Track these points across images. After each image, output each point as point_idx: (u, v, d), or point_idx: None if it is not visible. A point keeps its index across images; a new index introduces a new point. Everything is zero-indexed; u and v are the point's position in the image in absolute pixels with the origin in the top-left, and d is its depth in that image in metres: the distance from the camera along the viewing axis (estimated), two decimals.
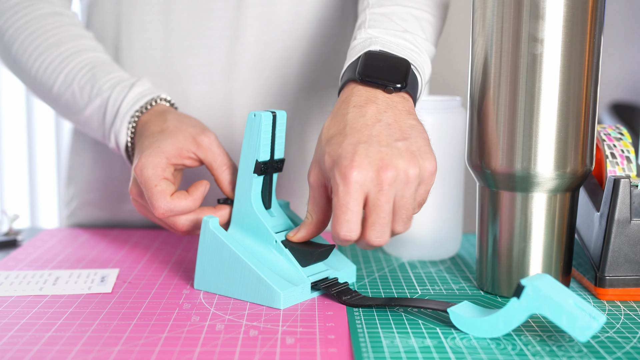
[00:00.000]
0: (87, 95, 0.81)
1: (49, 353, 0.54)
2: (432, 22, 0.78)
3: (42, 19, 0.85)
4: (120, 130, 0.78)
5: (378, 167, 0.61)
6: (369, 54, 0.69)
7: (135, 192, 0.74)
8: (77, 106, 0.82)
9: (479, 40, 0.67)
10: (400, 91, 0.67)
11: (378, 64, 0.68)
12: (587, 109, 0.65)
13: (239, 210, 0.70)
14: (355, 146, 0.62)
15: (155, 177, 0.71)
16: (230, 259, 0.67)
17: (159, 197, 0.70)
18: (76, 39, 0.84)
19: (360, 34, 0.73)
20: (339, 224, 0.61)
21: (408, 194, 0.62)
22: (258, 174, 0.68)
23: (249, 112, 0.68)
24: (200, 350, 0.55)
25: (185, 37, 0.90)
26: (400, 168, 0.61)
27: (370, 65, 0.68)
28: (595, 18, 0.64)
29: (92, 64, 0.82)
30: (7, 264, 0.78)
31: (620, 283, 0.67)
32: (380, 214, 0.61)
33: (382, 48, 0.70)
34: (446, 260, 0.81)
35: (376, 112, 0.65)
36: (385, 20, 0.74)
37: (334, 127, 0.65)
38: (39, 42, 0.83)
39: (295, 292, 0.65)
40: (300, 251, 0.67)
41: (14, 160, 2.32)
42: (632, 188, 0.67)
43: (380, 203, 0.61)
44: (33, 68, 0.83)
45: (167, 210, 0.70)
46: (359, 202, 0.61)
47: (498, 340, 0.58)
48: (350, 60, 0.71)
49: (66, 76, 0.82)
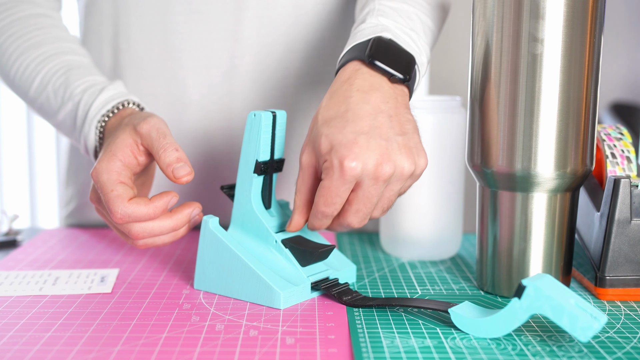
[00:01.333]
0: (61, 99, 0.80)
1: (49, 353, 0.54)
2: (432, 29, 0.79)
3: (24, 20, 0.84)
4: (88, 135, 0.77)
5: (378, 162, 0.62)
6: (380, 39, 0.69)
7: (94, 199, 0.72)
8: (51, 109, 0.81)
9: (479, 41, 0.67)
10: (403, 83, 0.67)
11: (388, 51, 0.68)
12: (587, 109, 0.65)
13: (239, 210, 0.70)
14: (356, 135, 0.62)
15: (110, 181, 0.68)
16: (230, 258, 0.67)
17: (115, 202, 0.67)
18: (55, 42, 0.84)
19: (371, 19, 0.72)
20: (326, 205, 0.63)
21: (397, 187, 0.64)
22: (258, 174, 0.68)
23: (249, 112, 0.68)
24: (200, 350, 0.55)
25: (185, 39, 0.89)
26: (398, 164, 0.62)
27: (381, 50, 0.67)
28: (595, 18, 0.64)
29: (68, 67, 0.82)
30: (7, 264, 0.78)
31: (620, 283, 0.67)
32: (368, 204, 0.63)
33: (392, 38, 0.70)
34: (446, 260, 0.81)
35: (380, 101, 0.65)
36: (394, 14, 0.74)
37: (334, 109, 0.65)
38: (19, 44, 0.83)
39: (295, 292, 0.65)
40: (300, 251, 0.67)
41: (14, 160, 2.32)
42: (632, 188, 0.67)
43: (371, 195, 0.63)
44: (12, 70, 0.83)
45: (123, 215, 0.66)
46: (349, 189, 0.63)
47: (498, 340, 0.58)
48: (358, 41, 0.69)
49: (42, 79, 0.81)
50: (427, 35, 0.76)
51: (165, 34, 0.89)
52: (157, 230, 0.68)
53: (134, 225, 0.68)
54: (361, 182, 0.62)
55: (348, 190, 0.63)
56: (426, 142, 0.78)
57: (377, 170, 0.61)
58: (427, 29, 0.77)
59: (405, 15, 0.75)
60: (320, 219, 0.65)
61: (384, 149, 0.62)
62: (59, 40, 0.84)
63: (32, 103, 0.84)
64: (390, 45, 0.69)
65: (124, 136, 0.70)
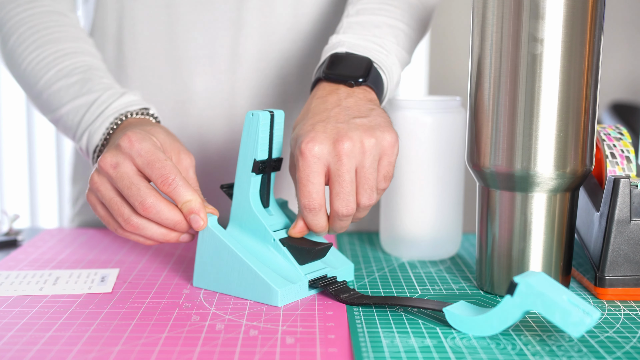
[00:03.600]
0: (74, 93, 0.80)
1: (49, 353, 0.54)
2: (407, 31, 0.83)
3: (45, 16, 0.85)
4: (97, 130, 0.77)
5: (334, 139, 0.65)
6: (334, 55, 0.75)
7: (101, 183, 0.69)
8: (58, 103, 0.81)
9: (479, 41, 0.67)
10: (361, 85, 0.72)
11: (341, 63, 0.74)
12: (587, 109, 0.65)
13: (238, 208, 0.70)
14: (313, 125, 0.67)
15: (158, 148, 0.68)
16: (229, 257, 0.67)
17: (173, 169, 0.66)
18: (75, 41, 0.84)
19: (332, 39, 0.79)
20: (302, 195, 0.66)
21: (367, 163, 0.66)
22: (256, 173, 0.69)
23: (247, 112, 0.69)
24: (200, 350, 0.55)
25: (190, 28, 0.90)
26: (355, 139, 0.65)
27: (334, 65, 0.74)
28: (595, 18, 0.64)
29: (87, 66, 0.82)
30: (7, 264, 0.78)
31: (620, 283, 0.67)
32: (342, 183, 0.65)
33: (348, 50, 0.76)
34: (446, 260, 0.81)
35: (337, 99, 0.70)
36: (358, 27, 0.80)
37: (299, 117, 0.71)
38: (38, 37, 0.83)
39: (293, 290, 0.66)
40: (297, 249, 0.67)
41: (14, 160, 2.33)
42: (632, 188, 0.67)
43: (341, 173, 0.65)
44: (25, 61, 0.83)
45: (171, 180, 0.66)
46: (318, 174, 0.65)
47: (498, 340, 0.58)
48: (320, 63, 0.76)
49: (57, 72, 0.82)
50: (398, 37, 0.81)
51: (170, 25, 0.91)
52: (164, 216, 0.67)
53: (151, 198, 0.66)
54: (329, 166, 0.65)
55: (317, 176, 0.65)
56: (426, 142, 0.79)
57: (336, 147, 0.65)
58: (399, 31, 0.81)
59: (370, 25, 0.80)
60: (308, 215, 0.66)
61: (340, 129, 0.66)
62: (78, 41, 0.85)
63: (38, 95, 0.84)
64: (345, 57, 0.75)
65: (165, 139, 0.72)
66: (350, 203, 0.66)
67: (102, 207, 0.71)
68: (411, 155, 0.79)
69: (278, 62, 0.92)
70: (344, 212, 0.66)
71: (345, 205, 0.66)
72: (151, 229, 0.68)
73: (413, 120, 0.78)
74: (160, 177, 0.67)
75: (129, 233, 0.70)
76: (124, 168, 0.67)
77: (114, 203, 0.68)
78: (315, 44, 0.93)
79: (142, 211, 0.66)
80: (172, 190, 0.67)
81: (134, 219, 0.68)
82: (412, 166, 0.79)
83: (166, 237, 0.69)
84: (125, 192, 0.67)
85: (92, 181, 0.70)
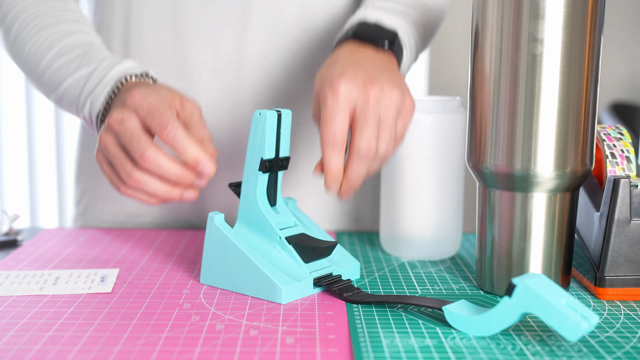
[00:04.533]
0: (75, 66, 0.81)
1: (49, 353, 0.54)
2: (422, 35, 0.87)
3: (46, 2, 0.87)
4: (99, 96, 0.78)
5: (365, 81, 0.67)
6: (365, 21, 0.78)
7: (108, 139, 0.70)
8: (60, 79, 0.82)
9: (479, 41, 0.67)
10: (387, 50, 0.76)
11: (370, 29, 0.77)
12: (587, 109, 0.65)
13: (245, 206, 0.71)
14: (344, 68, 0.69)
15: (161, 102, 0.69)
16: (234, 254, 0.68)
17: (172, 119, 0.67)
18: (75, 23, 0.86)
19: (359, 12, 0.82)
20: (327, 130, 0.66)
21: (390, 114, 0.68)
22: (263, 172, 0.69)
23: (255, 111, 0.69)
24: (200, 350, 0.55)
25: (195, 26, 0.91)
26: (385, 88, 0.68)
27: (363, 29, 0.77)
28: (595, 18, 0.64)
29: (88, 43, 0.84)
30: (7, 263, 0.78)
31: (620, 283, 0.67)
32: (368, 121, 0.67)
33: (377, 20, 0.79)
34: (446, 260, 0.81)
35: (365, 55, 0.73)
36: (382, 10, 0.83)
37: (324, 67, 0.72)
38: (38, 22, 0.85)
39: (297, 288, 0.66)
40: (303, 247, 0.68)
41: (14, 160, 2.33)
42: (632, 188, 0.67)
43: (367, 114, 0.67)
44: (27, 45, 0.85)
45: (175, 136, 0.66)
46: (345, 114, 0.67)
47: (498, 340, 0.58)
48: (344, 29, 0.79)
49: (58, 50, 0.83)
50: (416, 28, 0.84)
51: (176, 22, 0.91)
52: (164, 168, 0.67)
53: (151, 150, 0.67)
54: (355, 106, 0.67)
55: (344, 115, 0.67)
56: (426, 142, 0.79)
57: (366, 89, 0.67)
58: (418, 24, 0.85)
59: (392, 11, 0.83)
60: (329, 152, 0.67)
61: (371, 75, 0.69)
62: (79, 24, 0.87)
63: (41, 76, 0.85)
64: (373, 25, 0.78)
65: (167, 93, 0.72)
66: (372, 141, 0.67)
67: (108, 166, 0.72)
68: (411, 155, 0.79)
69: (284, 61, 0.92)
70: (365, 149, 0.67)
71: (367, 142, 0.67)
72: (153, 184, 0.69)
73: (413, 120, 0.78)
74: (159, 125, 0.67)
75: (132, 190, 0.70)
76: (128, 123, 0.68)
77: (117, 158, 0.69)
78: (322, 44, 0.93)
79: (143, 163, 0.67)
80: (171, 139, 0.67)
81: (136, 173, 0.68)
82: (412, 166, 0.79)
83: (169, 193, 0.69)
84: (127, 145, 0.68)
85: (100, 139, 0.71)
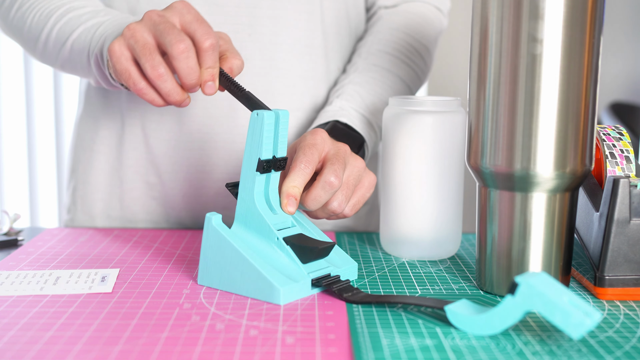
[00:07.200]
0: (87, 18, 0.83)
1: (49, 353, 0.54)
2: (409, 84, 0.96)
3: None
4: (111, 35, 0.79)
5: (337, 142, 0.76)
6: (337, 124, 0.86)
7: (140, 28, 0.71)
8: (70, 29, 0.83)
9: (479, 41, 0.67)
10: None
11: (341, 133, 0.85)
12: (587, 109, 0.65)
13: (243, 207, 0.71)
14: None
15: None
16: (232, 255, 0.68)
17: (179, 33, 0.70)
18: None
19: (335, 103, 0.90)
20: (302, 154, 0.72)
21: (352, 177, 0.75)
22: (261, 172, 0.69)
23: (252, 112, 0.69)
24: (201, 350, 0.55)
25: None
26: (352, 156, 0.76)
27: (336, 133, 0.85)
28: (595, 18, 0.64)
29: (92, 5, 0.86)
30: (8, 263, 0.78)
31: (619, 283, 0.67)
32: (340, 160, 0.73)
33: (348, 122, 0.87)
34: (446, 260, 0.81)
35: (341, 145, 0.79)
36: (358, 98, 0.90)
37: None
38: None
39: (295, 289, 0.66)
40: (300, 248, 0.68)
41: (14, 160, 2.33)
42: (632, 188, 0.67)
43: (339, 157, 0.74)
44: (30, 16, 0.86)
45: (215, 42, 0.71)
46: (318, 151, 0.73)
47: (498, 339, 0.58)
48: (320, 122, 0.88)
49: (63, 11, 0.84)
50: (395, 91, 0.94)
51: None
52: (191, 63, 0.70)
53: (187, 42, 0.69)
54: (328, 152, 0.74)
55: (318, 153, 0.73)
56: (426, 142, 0.79)
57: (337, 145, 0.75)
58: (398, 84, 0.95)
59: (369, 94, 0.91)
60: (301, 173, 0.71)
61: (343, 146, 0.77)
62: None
63: (47, 38, 0.86)
64: (344, 130, 0.86)
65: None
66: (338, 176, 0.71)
67: (128, 58, 0.72)
68: (411, 155, 0.79)
69: (284, 70, 0.93)
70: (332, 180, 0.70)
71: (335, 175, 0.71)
72: (171, 81, 0.71)
73: (413, 120, 0.78)
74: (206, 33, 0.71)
75: (145, 86, 0.72)
76: (170, 18, 0.71)
77: (147, 47, 0.71)
78: (324, 52, 0.94)
79: (176, 52, 0.69)
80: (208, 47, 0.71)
81: (162, 67, 0.70)
82: (412, 166, 0.79)
83: (181, 96, 0.72)
84: (164, 33, 0.70)
85: (130, 28, 0.72)
